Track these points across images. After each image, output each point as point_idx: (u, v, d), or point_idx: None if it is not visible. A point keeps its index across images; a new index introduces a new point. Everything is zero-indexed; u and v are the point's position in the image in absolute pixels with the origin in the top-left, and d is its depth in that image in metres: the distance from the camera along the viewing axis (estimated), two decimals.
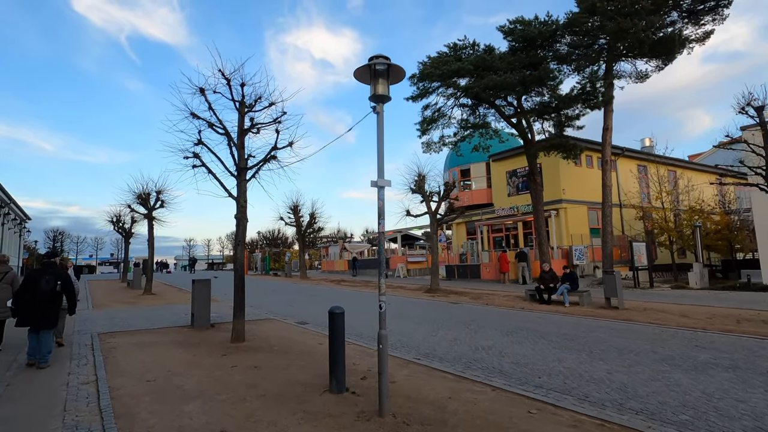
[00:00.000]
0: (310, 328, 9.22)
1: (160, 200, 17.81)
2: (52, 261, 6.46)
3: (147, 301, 14.70)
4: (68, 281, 6.23)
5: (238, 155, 7.83)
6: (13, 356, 6.51)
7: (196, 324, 8.97)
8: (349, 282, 23.83)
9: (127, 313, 11.73)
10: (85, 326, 9.31)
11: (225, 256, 69.75)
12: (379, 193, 4.28)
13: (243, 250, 7.84)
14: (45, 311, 5.89)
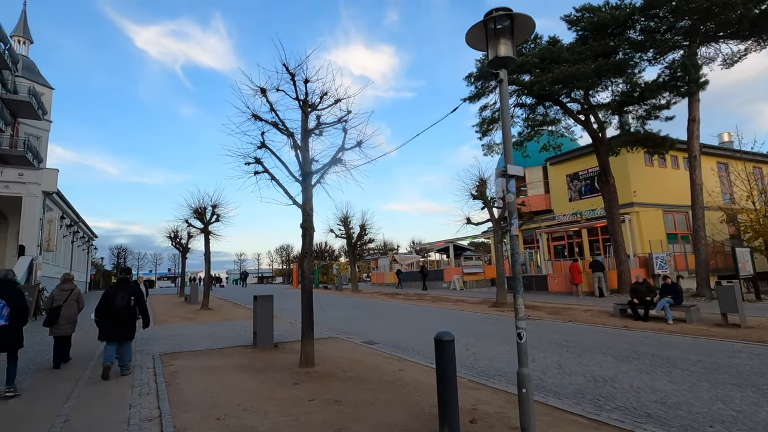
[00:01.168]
0: (380, 349, 8.27)
1: (216, 214, 17.78)
2: (127, 277, 6.78)
3: (205, 317, 14.42)
4: (140, 296, 6.58)
5: (303, 158, 7.13)
6: (74, 383, 6.03)
7: (259, 344, 8.29)
8: (403, 295, 22.79)
9: (187, 329, 11.35)
10: (147, 345, 8.91)
11: (274, 270, 70.96)
12: (508, 184, 3.28)
13: (311, 263, 7.07)
14: (123, 324, 6.29)
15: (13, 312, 5.28)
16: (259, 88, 7.18)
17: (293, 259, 62.99)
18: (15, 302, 5.35)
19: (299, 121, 7.39)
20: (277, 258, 72.80)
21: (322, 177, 7.37)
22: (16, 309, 5.33)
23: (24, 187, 17.13)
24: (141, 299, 6.62)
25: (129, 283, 6.74)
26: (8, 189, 16.92)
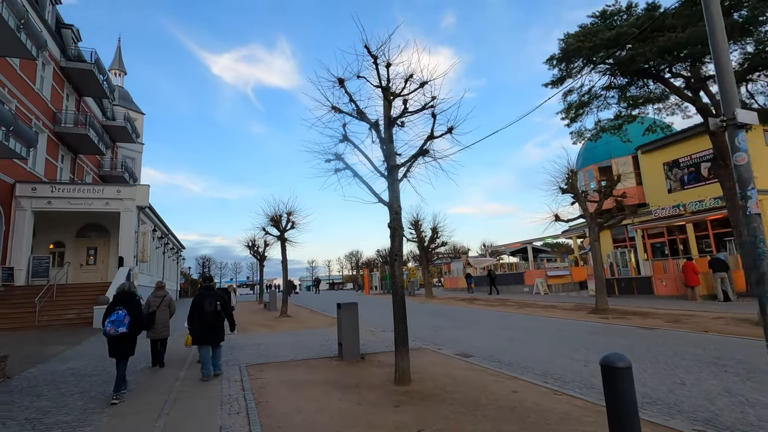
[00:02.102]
0: (479, 362, 7.27)
1: (291, 221, 17.87)
2: (211, 285, 7.26)
3: (285, 324, 14.32)
4: (226, 302, 6.91)
5: (388, 150, 6.42)
6: (166, 395, 5.79)
7: (345, 356, 7.68)
8: (483, 301, 21.38)
9: (269, 338, 11.17)
10: (232, 354, 8.72)
11: (344, 276, 72.07)
12: (736, 139, 2.22)
13: (401, 267, 6.30)
14: (213, 329, 6.66)
15: (132, 321, 5.70)
16: (337, 79, 6.62)
17: (362, 265, 63.48)
18: (134, 312, 5.80)
19: (380, 112, 6.72)
20: (346, 264, 73.95)
21: (409, 170, 6.62)
22: (135, 318, 5.76)
23: (121, 203, 18.50)
24: (226, 305, 6.93)
25: (214, 290, 7.10)
26: (108, 205, 18.37)
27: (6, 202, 16.38)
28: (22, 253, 16.75)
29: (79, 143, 22.54)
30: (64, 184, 18.27)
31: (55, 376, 6.90)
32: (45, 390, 5.96)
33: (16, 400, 5.45)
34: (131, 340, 5.80)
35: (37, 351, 9.29)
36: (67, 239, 20.90)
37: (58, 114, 21.13)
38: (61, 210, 17.82)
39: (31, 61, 18.42)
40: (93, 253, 21.44)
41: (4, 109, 13.23)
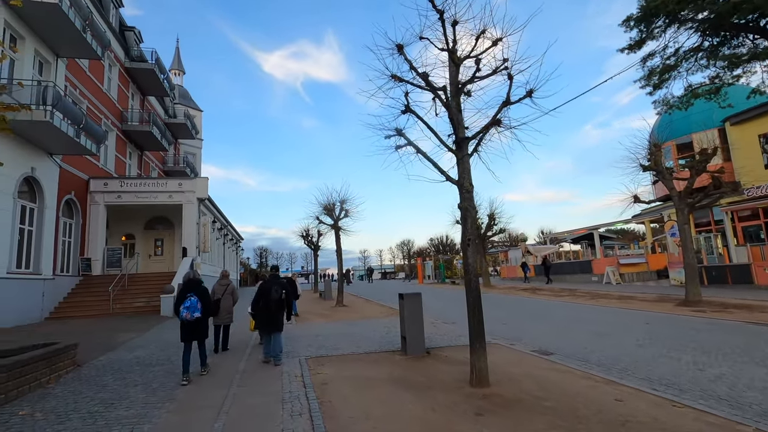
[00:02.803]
0: (563, 361, 6.38)
1: (344, 210, 17.56)
2: (277, 273, 7.44)
3: (341, 314, 14.04)
4: (290, 291, 7.14)
5: (456, 120, 5.64)
6: (227, 387, 5.50)
7: (410, 350, 7.08)
8: (548, 290, 19.98)
9: (327, 328, 10.85)
10: (291, 345, 8.43)
11: (396, 266, 71.95)
12: None
13: (475, 252, 5.54)
14: (275, 317, 6.78)
15: (203, 307, 6.05)
16: (396, 45, 5.91)
17: (414, 254, 62.87)
18: (203, 298, 6.12)
19: (445, 80, 5.94)
20: (398, 253, 73.70)
21: (480, 143, 5.81)
22: (205, 303, 6.10)
23: (183, 195, 19.14)
24: (290, 294, 7.14)
25: (279, 279, 7.22)
26: (171, 198, 19.08)
27: (82, 196, 17.43)
28: (97, 244, 17.81)
29: (144, 140, 23.68)
30: (132, 179, 19.18)
31: (122, 364, 6.91)
32: (110, 380, 5.90)
33: (83, 391, 5.39)
34: (204, 323, 6.15)
35: (108, 338, 9.59)
36: (136, 231, 22.09)
37: (125, 113, 22.25)
38: (130, 203, 18.73)
39: (99, 63, 19.40)
40: (160, 244, 22.54)
41: (75, 108, 13.88)
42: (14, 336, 10.10)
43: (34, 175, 13.55)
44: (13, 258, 12.81)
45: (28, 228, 13.63)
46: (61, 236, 15.82)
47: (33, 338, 9.66)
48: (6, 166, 12.34)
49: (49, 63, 14.70)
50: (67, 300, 15.26)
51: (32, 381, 5.31)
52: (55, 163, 14.93)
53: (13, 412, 4.57)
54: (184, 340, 5.95)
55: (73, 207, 16.97)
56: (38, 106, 12.04)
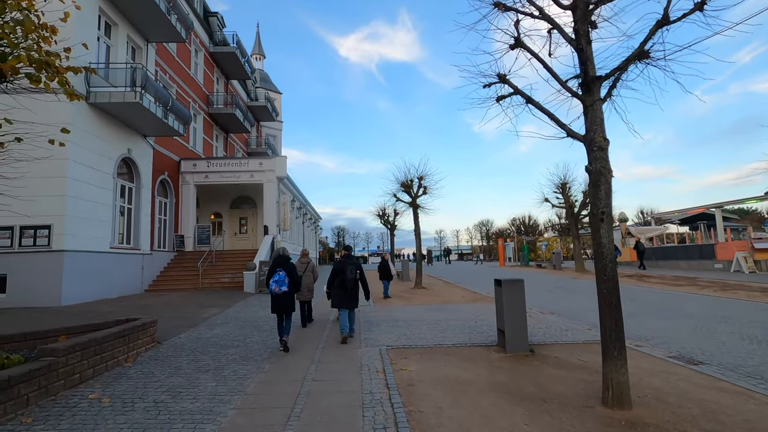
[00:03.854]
0: (724, 376, 4.78)
1: (423, 187, 16.48)
2: (351, 253, 7.54)
3: (421, 297, 13.14)
4: (362, 270, 7.17)
5: (585, 56, 4.22)
6: (300, 380, 4.85)
7: (510, 347, 5.91)
8: (657, 278, 17.20)
9: (407, 312, 10.01)
10: (369, 331, 7.70)
11: (473, 247, 69.62)
12: None
13: (611, 229, 4.16)
14: (351, 295, 7.01)
15: (290, 282, 6.29)
16: None
17: (493, 235, 60.05)
18: (291, 274, 6.35)
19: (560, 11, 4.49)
20: (476, 234, 71.12)
21: (615, 85, 4.33)
22: (292, 279, 6.32)
23: (263, 175, 19.46)
24: (363, 273, 7.15)
25: (353, 258, 7.29)
26: (252, 177, 19.51)
27: (174, 177, 18.42)
28: (189, 222, 18.83)
29: (228, 123, 24.58)
30: (217, 159, 19.90)
31: (199, 344, 6.67)
32: (184, 361, 5.58)
33: (155, 372, 5.08)
34: (291, 298, 6.39)
35: (193, 314, 9.69)
36: (223, 210, 23.18)
37: (211, 97, 23.15)
38: (216, 183, 19.48)
39: (186, 49, 20.17)
40: (244, 223, 23.46)
41: (162, 89, 14.34)
42: (116, 307, 10.70)
43: (130, 156, 14.33)
44: (116, 234, 13.73)
45: (127, 206, 14.55)
46: (157, 214, 16.83)
47: (129, 311, 10.11)
48: (106, 148, 13.10)
49: (141, 48, 15.34)
50: (163, 274, 16.28)
51: (109, 359, 5.11)
52: (149, 145, 15.73)
53: (84, 394, 4.31)
54: (275, 312, 6.32)
55: (167, 186, 17.98)
56: (129, 88, 12.50)
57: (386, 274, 13.43)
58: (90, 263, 11.96)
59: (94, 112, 12.44)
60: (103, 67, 12.87)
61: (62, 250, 10.97)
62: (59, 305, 10.65)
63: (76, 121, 11.62)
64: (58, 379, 4.23)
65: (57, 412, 3.83)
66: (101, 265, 12.47)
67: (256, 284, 14.68)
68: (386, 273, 13.43)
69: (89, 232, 12.02)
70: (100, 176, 12.67)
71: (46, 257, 10.91)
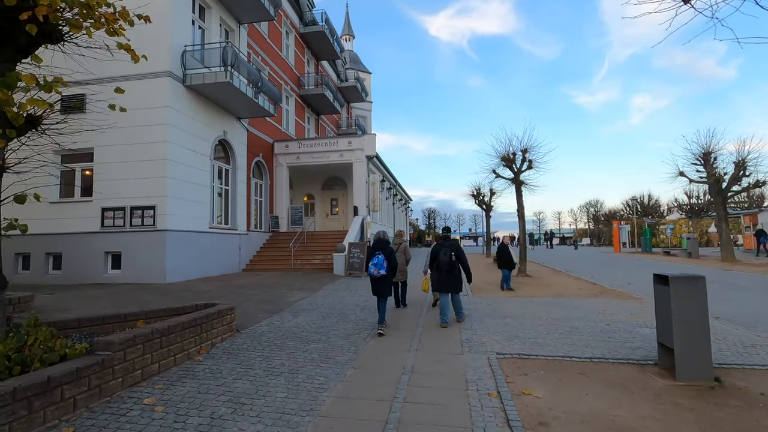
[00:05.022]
0: None
1: (527, 160, 14.35)
2: (448, 235, 7.24)
3: (528, 288, 11.35)
4: (461, 252, 6.79)
5: None
6: (394, 384, 3.75)
7: (682, 372, 4.13)
8: None
9: (515, 307, 8.42)
10: (472, 329, 6.36)
11: (577, 230, 63.32)
12: None
13: None
14: (448, 278, 6.71)
15: (389, 266, 6.21)
16: None
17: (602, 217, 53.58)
18: (390, 258, 6.26)
19: None
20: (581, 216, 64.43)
21: None
22: (390, 264, 6.24)
23: (352, 154, 18.88)
24: (462, 255, 6.83)
25: (451, 240, 7.04)
26: (342, 157, 19.04)
27: (268, 158, 18.71)
28: (283, 203, 19.09)
29: (319, 104, 24.51)
30: (308, 140, 19.79)
31: (278, 335, 5.98)
32: (257, 359, 4.84)
33: (223, 372, 4.38)
34: (389, 281, 6.34)
35: (280, 296, 9.27)
36: (315, 191, 23.32)
37: (302, 78, 23.17)
38: (307, 164, 19.41)
39: (277, 30, 20.19)
40: (335, 204, 23.39)
41: (251, 68, 14.23)
42: (212, 286, 10.80)
43: (226, 138, 14.57)
44: (215, 214, 14.13)
45: (224, 188, 14.91)
46: (253, 195, 17.21)
47: (224, 290, 10.07)
48: (202, 130, 13.36)
49: (233, 30, 15.42)
50: (259, 254, 16.64)
51: (177, 352, 4.54)
52: (244, 127, 15.93)
53: (142, 396, 3.70)
54: (375, 294, 6.35)
55: (262, 168, 18.31)
56: (220, 68, 12.47)
57: (507, 262, 11.10)
58: (191, 242, 12.35)
59: (191, 95, 12.67)
60: (198, 48, 13.02)
61: (165, 229, 11.38)
62: (164, 282, 11.09)
63: (173, 104, 11.88)
64: (114, 378, 3.67)
65: (103, 422, 3.21)
66: (201, 245, 12.87)
67: (345, 267, 14.16)
68: (506, 260, 11.10)
69: (189, 213, 12.39)
70: (198, 158, 12.97)
71: (151, 236, 11.41)
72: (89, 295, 8.88)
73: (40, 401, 3.00)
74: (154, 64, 11.82)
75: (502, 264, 11.15)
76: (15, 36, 3.81)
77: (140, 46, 12.60)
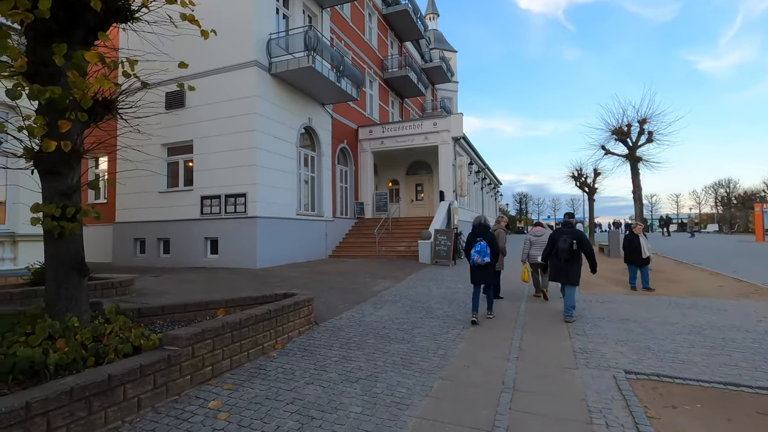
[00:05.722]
0: None
1: (646, 132, 12.13)
2: (570, 221, 6.74)
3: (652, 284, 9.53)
4: (584, 240, 6.25)
5: None
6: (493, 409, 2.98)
7: None
8: None
9: (638, 307, 6.95)
10: (585, 335, 5.24)
11: (699, 215, 54.70)
12: None
13: None
14: (565, 267, 6.24)
15: (491, 252, 5.94)
16: None
17: (735, 199, 45.30)
18: (492, 244, 6.00)
19: None
20: (706, 199, 55.38)
21: None
22: (493, 250, 5.99)
23: (438, 136, 17.91)
24: (585, 244, 6.24)
25: (572, 227, 6.59)
26: (427, 140, 18.18)
27: (353, 144, 18.59)
28: (368, 189, 18.90)
29: (402, 87, 23.81)
30: (392, 124, 19.23)
31: (359, 330, 5.49)
32: (333, 359, 4.36)
33: (295, 373, 3.96)
34: (492, 268, 6.09)
35: (363, 286, 8.88)
36: (400, 176, 22.82)
37: (385, 61, 22.62)
38: (391, 148, 18.91)
39: (360, 13, 19.80)
40: (420, 189, 22.67)
41: (333, 50, 13.97)
42: (298, 272, 10.86)
43: (311, 125, 14.60)
44: (302, 201, 14.32)
45: (310, 174, 15.04)
46: (338, 182, 17.22)
47: (309, 277, 10.02)
48: (288, 118, 13.47)
49: (316, 16, 15.32)
50: (344, 240, 16.65)
51: (251, 347, 4.24)
52: (328, 114, 15.88)
53: (209, 396, 3.39)
54: (474, 283, 6.06)
55: (347, 155, 18.24)
56: (303, 53, 12.36)
57: (635, 257, 8.75)
58: (279, 229, 12.60)
59: (277, 83, 12.79)
60: (283, 36, 13.06)
61: (255, 216, 11.69)
62: (255, 268, 11.43)
63: (260, 93, 12.06)
64: (181, 375, 3.41)
65: (164, 426, 2.92)
66: (289, 231, 13.10)
67: (431, 254, 13.43)
68: (634, 254, 8.77)
69: (278, 200, 12.63)
70: (285, 146, 13.14)
71: (243, 223, 11.82)
72: (187, 279, 9.37)
73: (100, 401, 2.77)
74: (241, 54, 12.08)
75: (631, 259, 8.88)
76: (83, 16, 3.67)
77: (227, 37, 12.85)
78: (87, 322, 3.84)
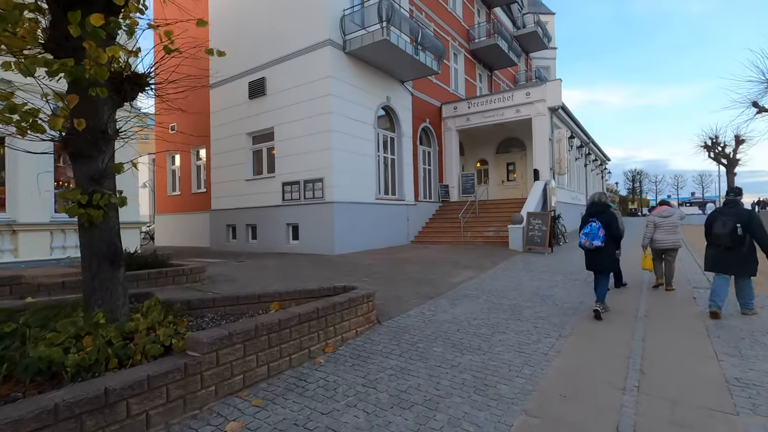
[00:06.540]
0: None
1: None
2: (736, 199, 5.33)
3: None
4: (754, 222, 4.90)
5: None
6: None
7: None
8: None
9: None
10: (741, 358, 3.74)
11: None
12: None
13: None
14: (730, 255, 5.04)
15: (607, 235, 5.22)
16: None
17: None
18: (609, 225, 5.26)
19: None
20: None
21: None
22: (609, 232, 5.23)
23: (532, 107, 15.91)
24: (755, 227, 4.86)
25: (737, 206, 5.18)
26: (519, 113, 16.27)
27: (436, 123, 17.46)
28: (453, 171, 17.69)
29: (491, 57, 21.81)
30: (478, 98, 17.61)
31: (426, 332, 4.64)
32: (388, 373, 3.58)
33: (338, 391, 3.26)
34: (606, 254, 5.31)
35: (442, 276, 7.96)
36: (489, 156, 21.11)
37: (471, 31, 20.85)
38: (478, 125, 17.36)
39: None
40: (512, 169, 20.73)
41: (412, 21, 12.93)
42: (375, 259, 10.32)
43: (389, 104, 13.86)
44: (381, 185, 13.74)
45: (390, 157, 14.36)
46: (420, 164, 16.32)
47: (385, 264, 9.40)
48: (364, 97, 12.87)
49: None
50: (428, 225, 15.78)
51: (294, 351, 3.66)
52: (407, 91, 14.98)
53: (230, 416, 2.84)
54: (588, 269, 5.50)
55: (430, 134, 17.20)
56: (376, 26, 11.57)
57: None
58: (358, 214, 12.19)
59: (351, 62, 12.24)
60: (358, 10, 12.40)
61: (332, 201, 11.39)
62: (332, 254, 11.17)
63: (335, 73, 11.61)
64: (203, 386, 2.92)
65: None
66: (368, 216, 12.63)
67: (523, 240, 11.93)
68: None
69: (355, 184, 12.19)
70: (362, 127, 12.60)
71: (321, 209, 11.60)
72: (265, 266, 9.37)
73: (95, 419, 2.35)
74: (314, 34, 11.70)
75: None
76: None
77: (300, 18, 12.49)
78: (124, 316, 3.58)
